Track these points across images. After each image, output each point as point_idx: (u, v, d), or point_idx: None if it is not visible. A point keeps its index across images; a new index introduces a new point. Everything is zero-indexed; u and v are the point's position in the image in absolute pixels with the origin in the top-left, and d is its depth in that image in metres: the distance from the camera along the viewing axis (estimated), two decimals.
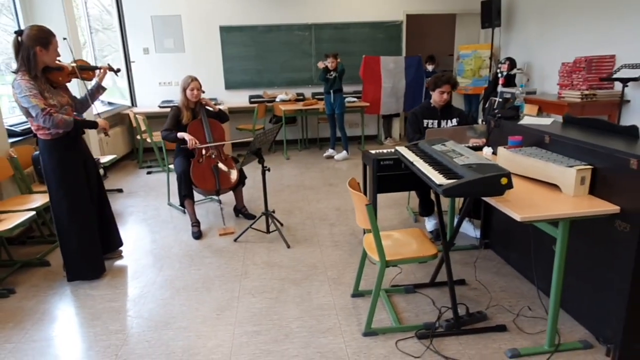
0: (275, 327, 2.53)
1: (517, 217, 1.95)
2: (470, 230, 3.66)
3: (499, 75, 6.63)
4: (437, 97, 3.74)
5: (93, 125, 3.05)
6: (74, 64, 2.98)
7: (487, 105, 6.35)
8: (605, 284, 2.20)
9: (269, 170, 3.66)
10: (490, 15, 6.95)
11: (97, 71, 3.13)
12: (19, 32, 2.66)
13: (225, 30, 7.17)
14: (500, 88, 6.53)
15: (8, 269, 3.30)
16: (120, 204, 4.82)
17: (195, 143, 3.85)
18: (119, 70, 3.33)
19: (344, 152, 6.51)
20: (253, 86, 7.46)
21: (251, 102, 7.21)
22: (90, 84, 3.15)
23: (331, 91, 6.29)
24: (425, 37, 8.90)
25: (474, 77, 7.63)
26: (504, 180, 1.95)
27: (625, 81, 4.55)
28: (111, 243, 3.44)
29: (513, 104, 3.09)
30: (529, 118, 3.00)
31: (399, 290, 2.86)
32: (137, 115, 6.10)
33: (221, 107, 6.40)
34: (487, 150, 3.05)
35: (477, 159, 2.20)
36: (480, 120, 5.61)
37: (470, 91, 7.74)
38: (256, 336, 2.45)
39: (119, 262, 3.44)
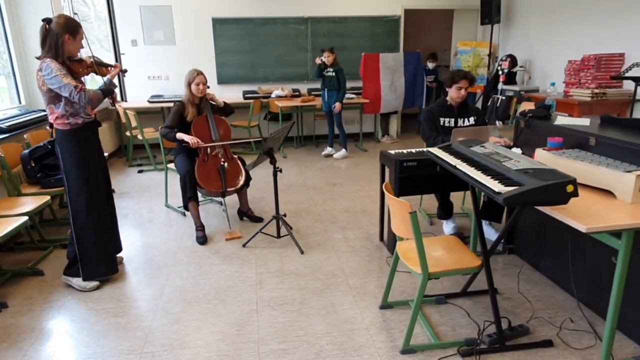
0: (304, 344, 2.33)
1: (583, 228, 1.79)
2: (491, 234, 3.52)
3: (500, 72, 6.54)
4: (454, 94, 3.58)
5: (111, 91, 2.93)
6: (92, 58, 2.81)
7: (489, 104, 6.25)
8: None
9: (280, 171, 3.44)
10: (491, 11, 6.85)
11: (110, 68, 2.95)
12: (47, 20, 2.61)
13: (218, 23, 6.87)
14: (501, 86, 6.44)
15: None
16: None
17: (198, 142, 3.60)
18: (126, 70, 3.20)
19: (343, 150, 6.32)
20: (247, 81, 7.18)
21: (245, 98, 6.94)
22: (102, 80, 2.96)
23: (325, 89, 6.09)
24: (422, 32, 8.77)
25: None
26: (569, 188, 1.78)
27: (637, 80, 4.47)
28: (115, 245, 3.19)
29: (544, 102, 2.95)
30: (563, 118, 2.86)
31: (429, 301, 2.69)
32: (127, 111, 5.77)
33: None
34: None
35: (530, 163, 2.03)
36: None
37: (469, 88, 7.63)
38: (284, 355, 2.24)
39: (119, 270, 3.17)
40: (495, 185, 1.87)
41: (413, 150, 3.32)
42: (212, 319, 2.56)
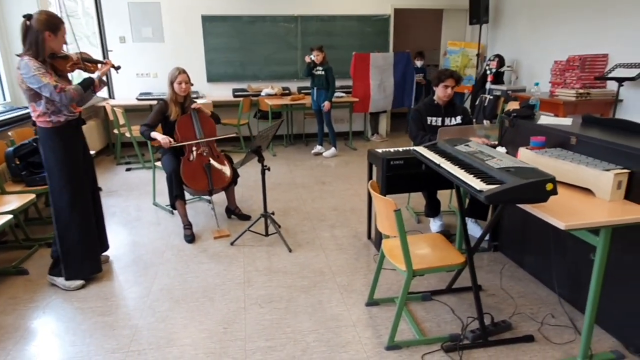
0: (290, 341, 2.34)
1: (562, 225, 1.82)
2: (476, 231, 3.56)
3: (488, 72, 6.61)
4: (440, 92, 3.62)
5: (91, 81, 2.84)
6: (78, 54, 2.77)
7: (477, 103, 6.31)
8: (638, 292, 2.12)
9: (268, 169, 3.45)
10: (479, 12, 6.90)
11: (100, 65, 2.92)
12: (27, 17, 2.55)
13: (207, 20, 6.84)
14: (488, 85, 6.51)
15: None
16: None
17: (170, 142, 3.57)
18: (119, 67, 3.13)
19: (333, 149, 6.34)
20: (236, 79, 7.17)
21: (235, 96, 6.93)
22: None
23: (314, 88, 6.11)
24: (412, 31, 8.82)
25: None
26: (549, 186, 1.82)
27: (620, 80, 4.56)
28: (101, 245, 3.17)
29: (528, 102, 3.00)
30: (546, 117, 2.91)
31: (415, 298, 2.72)
32: (115, 109, 5.73)
33: (203, 100, 6.13)
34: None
35: (512, 161, 2.07)
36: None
37: (456, 88, 7.69)
38: (271, 352, 2.26)
39: (105, 267, 3.16)
40: (477, 184, 1.91)
41: (400, 149, 3.35)
42: (200, 317, 2.57)
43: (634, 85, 4.72)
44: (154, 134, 3.61)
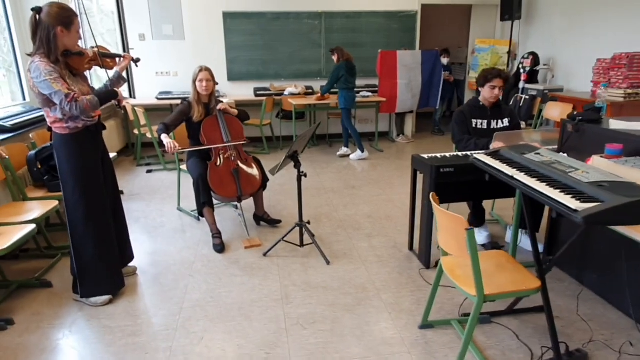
0: None
1: None
2: (527, 243, 3.30)
3: (521, 71, 6.31)
4: (487, 94, 3.37)
5: (114, 94, 2.66)
6: (95, 49, 2.54)
7: (511, 103, 6.02)
8: None
9: (305, 175, 3.22)
10: (511, 7, 6.60)
11: (118, 59, 2.68)
12: (37, 10, 2.27)
13: (229, 17, 6.63)
14: (522, 84, 6.21)
15: (1, 292, 2.79)
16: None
17: (175, 147, 3.30)
18: (138, 60, 2.87)
19: (358, 151, 6.07)
20: (258, 78, 6.95)
21: (257, 95, 6.71)
22: (110, 74, 2.70)
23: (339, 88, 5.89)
24: (438, 29, 8.53)
25: None
26: None
27: None
28: (124, 257, 2.97)
29: (594, 105, 2.73)
30: (616, 122, 2.64)
31: None
32: (136, 108, 5.55)
33: (225, 100, 5.92)
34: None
35: (601, 174, 1.82)
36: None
37: None
38: None
39: (132, 281, 2.96)
40: (569, 201, 1.65)
41: (447, 155, 3.10)
42: (238, 339, 2.35)
43: None
44: (162, 137, 3.38)
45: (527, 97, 5.76)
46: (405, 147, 6.82)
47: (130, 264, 3.05)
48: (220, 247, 3.38)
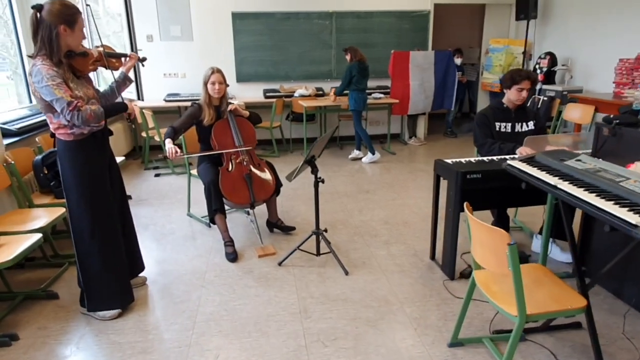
0: None
1: None
2: (557, 253, 3.14)
3: (538, 71, 6.14)
4: (513, 96, 3.21)
5: (123, 107, 2.49)
6: (100, 49, 2.39)
7: (529, 105, 5.85)
8: None
9: (322, 181, 3.07)
10: (527, 6, 6.43)
11: (124, 59, 2.55)
12: (37, 7, 2.11)
13: (238, 17, 6.50)
14: (540, 85, 6.04)
15: (6, 303, 2.66)
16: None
17: (176, 153, 3.11)
18: (144, 59, 2.74)
19: (370, 154, 5.91)
20: (268, 79, 6.81)
21: (266, 97, 6.58)
22: (116, 74, 2.56)
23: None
24: (450, 28, 8.36)
25: (502, 74, 7.12)
26: None
27: None
28: (134, 267, 2.83)
29: (631, 107, 2.58)
30: None
31: (504, 337, 2.32)
32: (143, 110, 5.43)
33: (235, 102, 5.78)
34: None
35: None
36: None
37: (497, 89, 7.24)
38: None
39: (142, 292, 2.83)
40: (628, 215, 1.50)
41: (472, 160, 2.95)
42: (255, 357, 2.21)
43: None
44: (166, 141, 3.22)
45: (545, 98, 5.59)
46: (417, 150, 6.66)
47: (141, 275, 2.92)
48: (233, 256, 3.24)
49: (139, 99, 6.18)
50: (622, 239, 2.62)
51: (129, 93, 6.15)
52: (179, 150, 3.13)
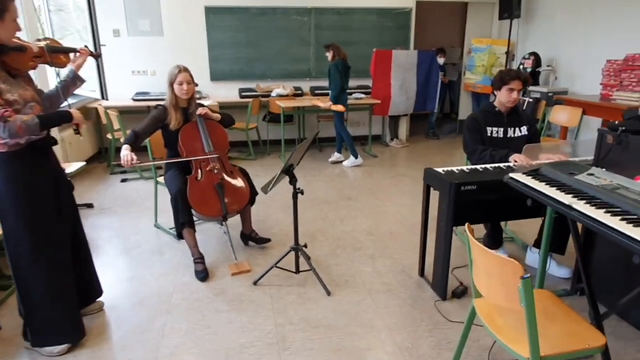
0: None
1: None
2: (554, 268, 2.94)
3: None
4: (504, 97, 2.99)
5: (66, 117, 2.09)
6: (41, 43, 2.05)
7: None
8: None
9: (302, 192, 2.79)
10: (511, 5, 6.28)
11: (73, 55, 2.20)
12: None
13: (211, 12, 6.14)
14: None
15: None
16: (92, 225, 3.81)
17: (131, 161, 2.80)
18: (99, 55, 2.40)
19: (352, 157, 5.65)
20: (243, 78, 6.48)
21: (242, 97, 6.25)
22: (64, 72, 2.23)
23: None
24: (430, 27, 8.18)
25: (484, 75, 6.98)
26: None
27: None
28: (89, 293, 2.50)
29: (636, 113, 2.39)
30: None
31: None
32: (108, 111, 5.04)
33: (208, 102, 5.44)
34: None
35: None
36: None
37: (479, 89, 7.10)
38: None
39: (98, 320, 2.50)
40: None
41: (465, 169, 2.71)
42: None
43: None
44: (123, 147, 2.88)
45: (530, 100, 5.43)
46: (399, 152, 6.45)
47: (98, 300, 2.58)
48: (203, 275, 2.93)
49: (103, 98, 5.77)
50: (625, 256, 2.43)
51: (91, 92, 5.72)
52: (135, 158, 2.80)
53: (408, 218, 3.92)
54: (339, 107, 5.38)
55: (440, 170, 2.68)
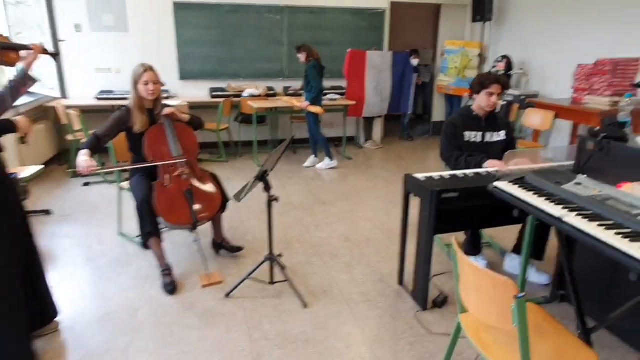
0: None
1: None
2: (533, 275, 2.91)
3: None
4: (483, 101, 2.95)
5: (8, 127, 1.90)
6: None
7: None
8: None
9: (276, 200, 2.65)
10: (484, 8, 6.31)
11: (25, 52, 2.00)
12: None
13: (180, 8, 5.90)
14: None
15: None
16: (50, 233, 3.55)
17: (89, 168, 2.62)
18: (56, 54, 2.19)
19: (327, 160, 5.55)
20: (214, 77, 6.26)
21: (213, 97, 6.04)
22: (13, 71, 2.02)
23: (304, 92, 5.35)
24: (404, 28, 8.15)
25: (457, 77, 7.01)
26: None
27: None
28: (43, 315, 2.29)
29: (616, 119, 2.37)
30: None
31: None
32: (69, 111, 4.75)
33: (176, 102, 5.22)
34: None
35: None
36: None
37: (452, 91, 7.12)
38: None
39: (54, 341, 2.29)
40: None
41: (445, 175, 2.64)
42: None
43: None
44: (81, 152, 2.68)
45: (503, 102, 5.45)
46: (374, 154, 6.38)
47: (55, 320, 2.37)
48: (171, 287, 2.75)
49: (62, 97, 5.45)
50: (605, 263, 2.41)
51: (49, 90, 5.40)
52: (94, 164, 2.60)
53: (385, 223, 3.84)
54: (318, 109, 5.27)
55: (420, 176, 2.60)
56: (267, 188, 2.60)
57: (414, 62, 6.78)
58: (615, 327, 2.39)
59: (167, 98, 5.30)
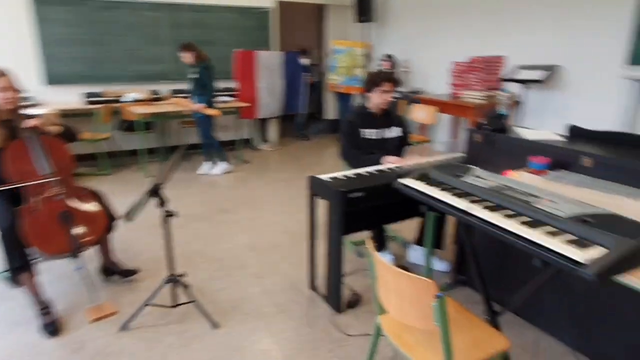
0: None
1: None
2: (435, 263, 3.03)
3: None
4: (377, 99, 3.02)
5: None
6: None
7: None
8: None
9: (173, 215, 2.40)
10: (369, 8, 6.54)
11: None
12: None
13: (41, 2, 5.18)
14: None
15: None
16: None
17: None
18: None
19: (222, 163, 5.31)
20: (89, 81, 5.61)
21: (90, 103, 5.41)
22: None
23: (192, 95, 5.05)
24: (291, 27, 8.14)
25: (346, 75, 7.19)
26: None
27: (524, 82, 4.51)
28: None
29: (496, 112, 2.54)
30: (525, 131, 2.47)
31: None
32: None
33: (45, 111, 4.55)
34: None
35: (570, 203, 1.50)
36: None
37: (343, 89, 7.30)
38: None
39: None
40: (570, 251, 1.28)
41: (350, 174, 2.62)
42: None
43: (527, 87, 4.71)
44: None
45: (393, 99, 5.70)
46: (271, 156, 6.27)
47: None
48: (52, 328, 2.35)
49: None
50: (500, 247, 2.58)
51: None
52: None
53: (289, 227, 3.75)
54: (215, 112, 4.99)
55: (325, 177, 2.54)
56: (162, 203, 2.34)
57: (305, 61, 6.81)
58: (512, 305, 2.58)
59: (30, 106, 4.60)
